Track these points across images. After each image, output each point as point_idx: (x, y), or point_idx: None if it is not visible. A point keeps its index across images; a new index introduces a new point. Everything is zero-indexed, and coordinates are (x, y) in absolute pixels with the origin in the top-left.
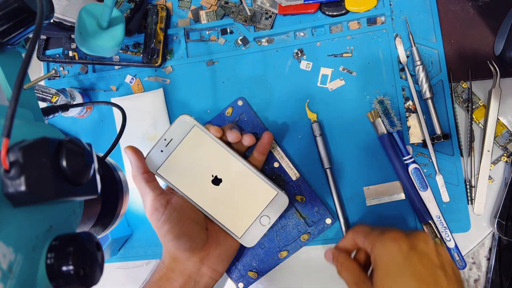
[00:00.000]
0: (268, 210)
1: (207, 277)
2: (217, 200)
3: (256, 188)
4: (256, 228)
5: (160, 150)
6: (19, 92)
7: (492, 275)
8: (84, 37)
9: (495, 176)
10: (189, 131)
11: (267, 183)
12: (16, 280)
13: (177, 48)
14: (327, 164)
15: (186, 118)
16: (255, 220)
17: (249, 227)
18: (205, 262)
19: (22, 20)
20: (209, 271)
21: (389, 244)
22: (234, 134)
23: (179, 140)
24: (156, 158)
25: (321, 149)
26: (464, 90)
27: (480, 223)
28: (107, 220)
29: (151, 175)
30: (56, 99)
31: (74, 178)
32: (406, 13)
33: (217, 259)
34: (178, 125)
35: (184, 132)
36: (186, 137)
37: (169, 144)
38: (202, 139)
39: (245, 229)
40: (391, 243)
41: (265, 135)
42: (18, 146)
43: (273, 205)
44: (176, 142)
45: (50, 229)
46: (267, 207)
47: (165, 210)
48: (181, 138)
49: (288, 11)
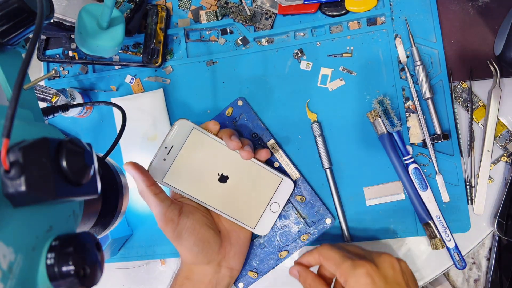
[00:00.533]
0: (276, 196)
1: (227, 278)
2: (227, 197)
3: (262, 178)
4: (267, 216)
5: (163, 159)
6: (19, 92)
7: (492, 275)
8: (84, 37)
9: (495, 176)
10: (189, 135)
11: (271, 171)
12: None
13: (177, 48)
14: (327, 164)
15: (183, 122)
16: (266, 209)
17: (261, 216)
18: (223, 264)
19: (22, 20)
20: (228, 272)
21: (363, 280)
22: (234, 144)
23: (180, 145)
24: (160, 168)
25: (321, 149)
26: (464, 90)
27: (480, 223)
28: (107, 220)
29: (158, 186)
30: (56, 99)
31: (74, 178)
32: (406, 13)
33: (233, 258)
34: (177, 131)
35: (184, 137)
36: (186, 142)
37: (171, 151)
38: (202, 141)
39: (257, 219)
40: (365, 279)
41: (262, 153)
42: (18, 146)
43: (280, 191)
44: (177, 148)
45: (50, 229)
46: (274, 194)
47: (179, 220)
48: (182, 143)
49: (288, 11)
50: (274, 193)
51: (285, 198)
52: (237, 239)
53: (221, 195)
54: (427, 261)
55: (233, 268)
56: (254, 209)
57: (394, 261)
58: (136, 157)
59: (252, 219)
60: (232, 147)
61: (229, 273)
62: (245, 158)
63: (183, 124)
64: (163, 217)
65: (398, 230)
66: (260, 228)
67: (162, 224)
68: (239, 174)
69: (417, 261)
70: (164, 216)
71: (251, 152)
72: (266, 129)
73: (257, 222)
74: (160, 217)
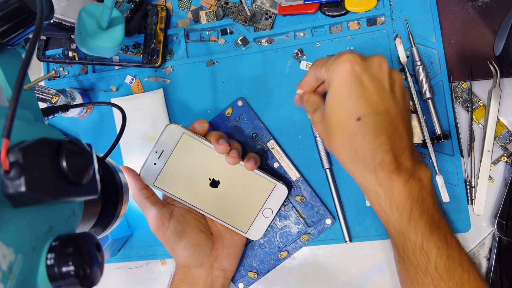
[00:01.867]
0: (269, 202)
1: (221, 278)
2: (218, 202)
3: (254, 183)
4: (260, 222)
5: (154, 163)
6: (19, 92)
7: (492, 276)
8: (84, 38)
9: (495, 176)
10: (179, 140)
11: (264, 177)
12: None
13: (177, 48)
14: (327, 164)
15: (173, 127)
16: (258, 214)
17: (253, 221)
18: (216, 266)
19: (22, 20)
20: (221, 273)
21: (342, 66)
22: (222, 147)
23: (171, 150)
24: (151, 172)
25: (321, 149)
26: (464, 90)
27: (480, 223)
28: (107, 221)
29: (149, 190)
30: (56, 99)
31: (74, 178)
32: (406, 13)
33: (226, 259)
34: (167, 135)
35: (174, 141)
36: (177, 146)
37: (161, 155)
38: (193, 145)
39: (249, 224)
40: (344, 64)
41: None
42: (18, 146)
43: (273, 196)
44: (168, 152)
45: (50, 229)
46: (267, 200)
47: (169, 224)
48: (172, 147)
49: (288, 12)
50: (267, 198)
51: (278, 204)
52: (230, 241)
53: (212, 199)
54: None
55: (226, 269)
56: (246, 214)
57: (383, 62)
58: (136, 158)
59: (244, 223)
60: (220, 150)
61: (223, 274)
62: (231, 164)
63: (173, 129)
64: (155, 220)
65: None
66: (252, 233)
67: (154, 228)
68: (230, 179)
69: None
70: (155, 219)
71: (237, 158)
72: (266, 129)
73: (249, 227)
74: (152, 221)
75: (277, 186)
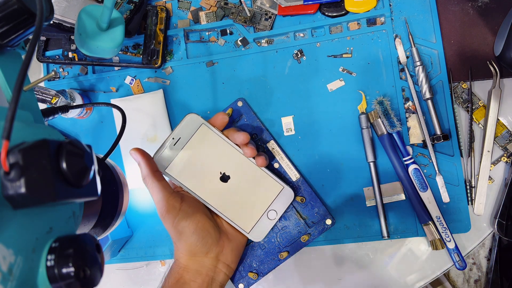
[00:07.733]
0: (275, 204)
1: (223, 274)
2: (226, 197)
3: (263, 184)
4: (263, 223)
5: (169, 149)
6: (19, 93)
7: (492, 276)
8: (84, 39)
9: (495, 177)
10: (197, 130)
11: (273, 178)
12: (16, 282)
13: (177, 49)
14: (372, 158)
15: (193, 116)
16: (263, 215)
17: (257, 222)
18: (221, 258)
19: (22, 21)
20: (224, 268)
21: None
22: (242, 136)
23: (187, 139)
24: (164, 158)
25: (367, 141)
26: (464, 90)
27: (480, 223)
28: (107, 222)
29: (160, 174)
30: (56, 100)
31: (74, 180)
32: (405, 13)
33: (230, 254)
34: (186, 124)
35: (192, 131)
36: (193, 136)
37: (177, 143)
38: (209, 137)
39: (253, 224)
40: None
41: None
42: (18, 148)
43: (280, 199)
44: (184, 141)
45: (50, 231)
46: (273, 201)
47: (181, 207)
48: (189, 136)
49: (288, 12)
50: (273, 200)
51: (283, 207)
52: (234, 236)
53: (220, 193)
54: (427, 261)
55: (229, 265)
56: (251, 213)
57: None
58: None
59: (248, 223)
60: (248, 154)
61: (225, 269)
62: (248, 155)
63: (193, 118)
64: (165, 203)
65: (398, 230)
66: (254, 234)
67: (163, 211)
68: (241, 176)
69: (417, 262)
70: (166, 202)
71: (255, 149)
72: (266, 130)
73: (252, 227)
74: (162, 204)
75: (285, 189)
